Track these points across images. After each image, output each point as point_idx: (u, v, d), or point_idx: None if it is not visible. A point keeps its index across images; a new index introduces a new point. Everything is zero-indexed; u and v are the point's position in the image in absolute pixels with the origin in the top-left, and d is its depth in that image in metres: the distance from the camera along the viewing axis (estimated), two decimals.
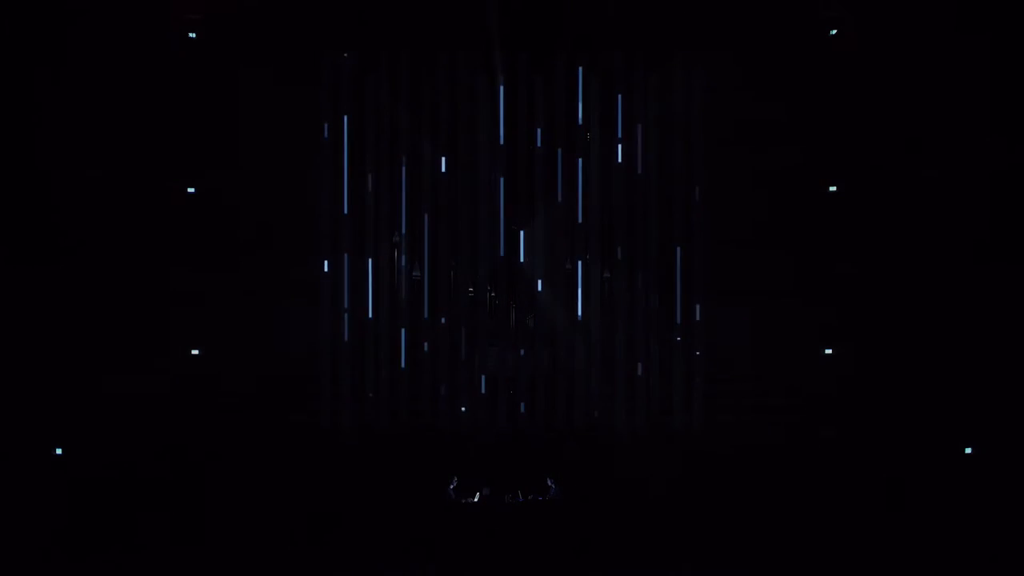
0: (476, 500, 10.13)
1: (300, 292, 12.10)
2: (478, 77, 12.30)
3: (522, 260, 12.26)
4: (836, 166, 11.92)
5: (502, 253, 12.28)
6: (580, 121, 12.27)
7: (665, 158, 12.38)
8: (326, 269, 12.09)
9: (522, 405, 12.04)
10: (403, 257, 12.29)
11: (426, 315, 12.15)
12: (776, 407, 12.01)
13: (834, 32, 11.49)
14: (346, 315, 12.14)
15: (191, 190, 12.28)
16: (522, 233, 12.33)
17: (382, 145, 12.38)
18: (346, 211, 12.27)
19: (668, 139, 12.35)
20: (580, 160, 12.35)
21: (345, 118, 12.28)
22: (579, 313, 12.17)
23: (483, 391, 12.04)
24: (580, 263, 12.26)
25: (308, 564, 9.51)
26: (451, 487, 10.22)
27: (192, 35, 11.61)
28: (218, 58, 11.81)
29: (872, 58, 11.03)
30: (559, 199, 12.29)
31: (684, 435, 11.85)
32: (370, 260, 12.21)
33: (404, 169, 12.39)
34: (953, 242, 10.55)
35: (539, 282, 12.22)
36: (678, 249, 12.18)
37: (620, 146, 12.24)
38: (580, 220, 12.28)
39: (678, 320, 12.16)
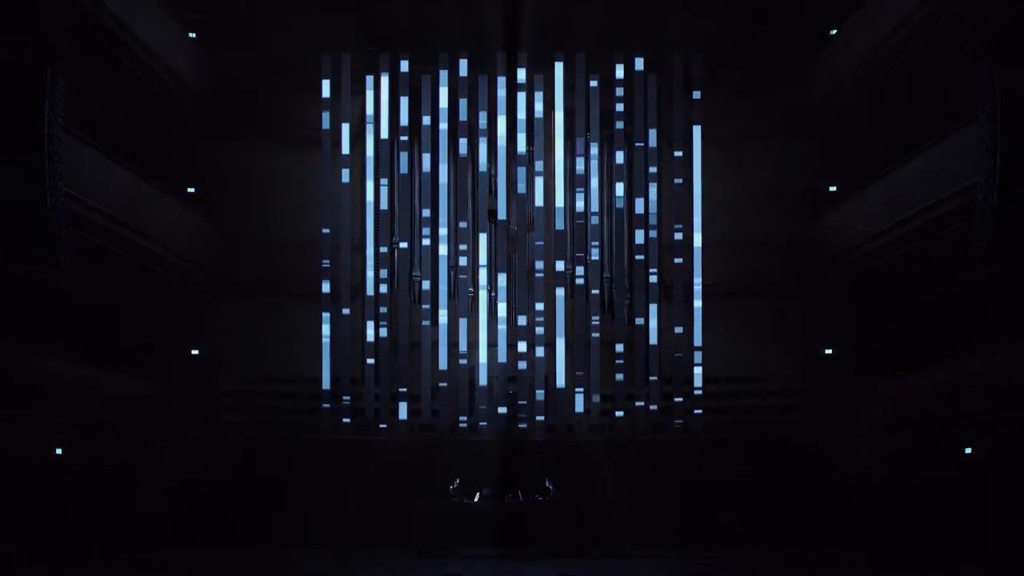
0: (476, 500, 10.15)
1: (301, 292, 12.17)
2: (479, 78, 12.38)
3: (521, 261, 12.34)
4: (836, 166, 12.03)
5: (502, 254, 12.33)
6: (583, 123, 12.32)
7: (664, 159, 12.48)
8: (326, 268, 12.21)
9: (522, 405, 12.07)
10: (399, 257, 12.36)
11: (426, 315, 12.17)
12: (775, 407, 12.04)
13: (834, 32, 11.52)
14: (346, 315, 12.18)
15: (191, 190, 12.34)
16: (523, 235, 12.34)
17: (382, 147, 12.45)
18: (346, 212, 12.31)
19: (666, 140, 12.42)
20: (581, 162, 12.39)
21: (346, 119, 12.36)
22: (578, 312, 12.20)
23: (484, 391, 12.04)
24: (580, 265, 12.29)
25: (307, 563, 9.50)
26: (451, 487, 10.23)
27: (192, 35, 11.63)
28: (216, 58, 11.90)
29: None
30: (559, 200, 12.37)
31: (684, 434, 11.88)
32: (369, 262, 12.27)
33: (404, 171, 12.48)
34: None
35: (539, 282, 12.26)
36: (677, 251, 12.26)
37: (619, 147, 12.34)
38: (580, 222, 12.33)
39: (677, 321, 12.19)
